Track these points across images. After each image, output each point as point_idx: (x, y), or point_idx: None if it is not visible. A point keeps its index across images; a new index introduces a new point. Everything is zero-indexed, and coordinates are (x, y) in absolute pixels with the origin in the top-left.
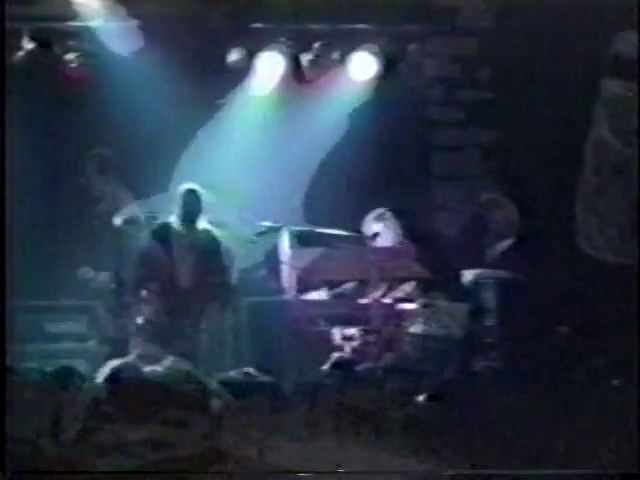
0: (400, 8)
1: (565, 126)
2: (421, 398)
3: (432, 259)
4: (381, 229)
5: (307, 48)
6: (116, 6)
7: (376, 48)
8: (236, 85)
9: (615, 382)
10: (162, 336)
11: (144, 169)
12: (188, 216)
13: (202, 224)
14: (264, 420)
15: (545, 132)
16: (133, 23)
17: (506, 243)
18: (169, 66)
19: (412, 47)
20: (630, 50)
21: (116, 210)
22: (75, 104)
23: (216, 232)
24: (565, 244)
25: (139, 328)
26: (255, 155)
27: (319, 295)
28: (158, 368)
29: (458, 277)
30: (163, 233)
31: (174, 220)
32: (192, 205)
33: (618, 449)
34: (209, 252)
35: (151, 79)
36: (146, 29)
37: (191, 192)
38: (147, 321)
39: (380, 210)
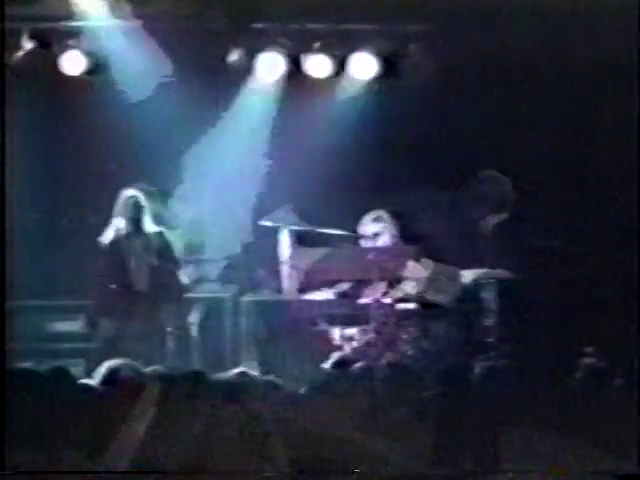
0: (400, 8)
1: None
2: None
3: (434, 259)
4: (378, 231)
5: (307, 48)
6: (116, 6)
7: (376, 48)
8: (236, 85)
9: (616, 382)
10: (124, 340)
11: (143, 168)
12: (132, 221)
13: (150, 227)
14: (263, 420)
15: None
16: (133, 23)
17: (500, 217)
18: (169, 66)
19: (412, 47)
20: None
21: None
22: (75, 104)
23: (166, 233)
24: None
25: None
26: (255, 155)
27: (319, 295)
28: (159, 367)
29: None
30: (115, 239)
31: (122, 226)
32: (134, 210)
33: (618, 449)
34: (160, 254)
35: (151, 79)
36: (146, 29)
37: (131, 197)
38: (111, 327)
39: (378, 212)
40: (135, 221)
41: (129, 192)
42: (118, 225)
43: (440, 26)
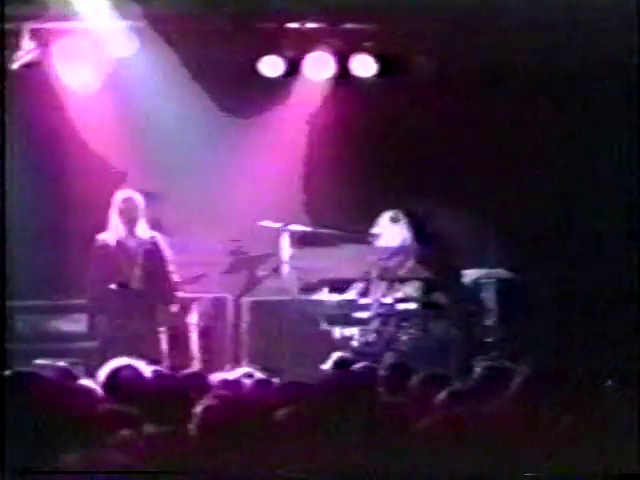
0: (400, 8)
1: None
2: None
3: (436, 259)
4: (396, 230)
5: (307, 48)
6: (116, 6)
7: (375, 48)
8: (238, 86)
9: (609, 383)
10: (120, 339)
11: (143, 169)
12: (127, 222)
13: (143, 228)
14: (263, 421)
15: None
16: (134, 23)
17: None
18: (169, 66)
19: (412, 47)
20: None
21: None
22: (75, 104)
23: (157, 235)
24: None
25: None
26: (256, 155)
27: (319, 295)
28: (159, 368)
29: (459, 277)
30: (110, 239)
31: (117, 226)
32: (130, 212)
33: (617, 449)
34: (153, 255)
35: (151, 79)
36: (147, 29)
37: (127, 200)
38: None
39: (394, 212)
40: (130, 223)
41: (125, 193)
42: (115, 226)
43: (440, 26)
